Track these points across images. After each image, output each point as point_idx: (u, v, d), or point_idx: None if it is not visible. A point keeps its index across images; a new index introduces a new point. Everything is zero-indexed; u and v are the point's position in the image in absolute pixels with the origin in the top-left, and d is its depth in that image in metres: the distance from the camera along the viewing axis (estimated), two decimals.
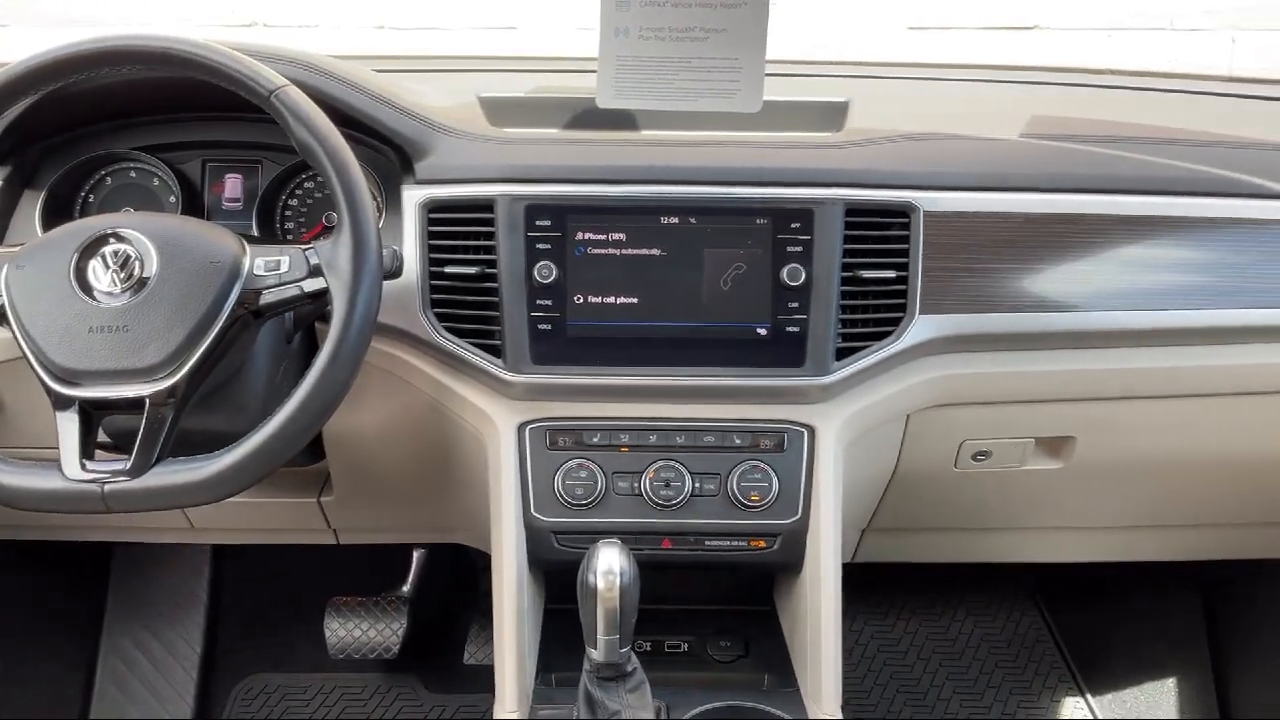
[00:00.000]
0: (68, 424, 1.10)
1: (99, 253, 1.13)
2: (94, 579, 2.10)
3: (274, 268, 1.14)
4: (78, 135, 1.40)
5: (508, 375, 1.29)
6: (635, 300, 1.29)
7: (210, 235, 1.16)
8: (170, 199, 1.42)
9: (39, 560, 1.97)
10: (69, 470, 1.09)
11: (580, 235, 1.28)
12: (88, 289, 1.12)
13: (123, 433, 1.17)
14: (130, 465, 1.09)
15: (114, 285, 1.12)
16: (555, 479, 1.30)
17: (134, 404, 1.10)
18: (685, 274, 1.29)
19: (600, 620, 1.12)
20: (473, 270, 1.28)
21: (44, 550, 1.91)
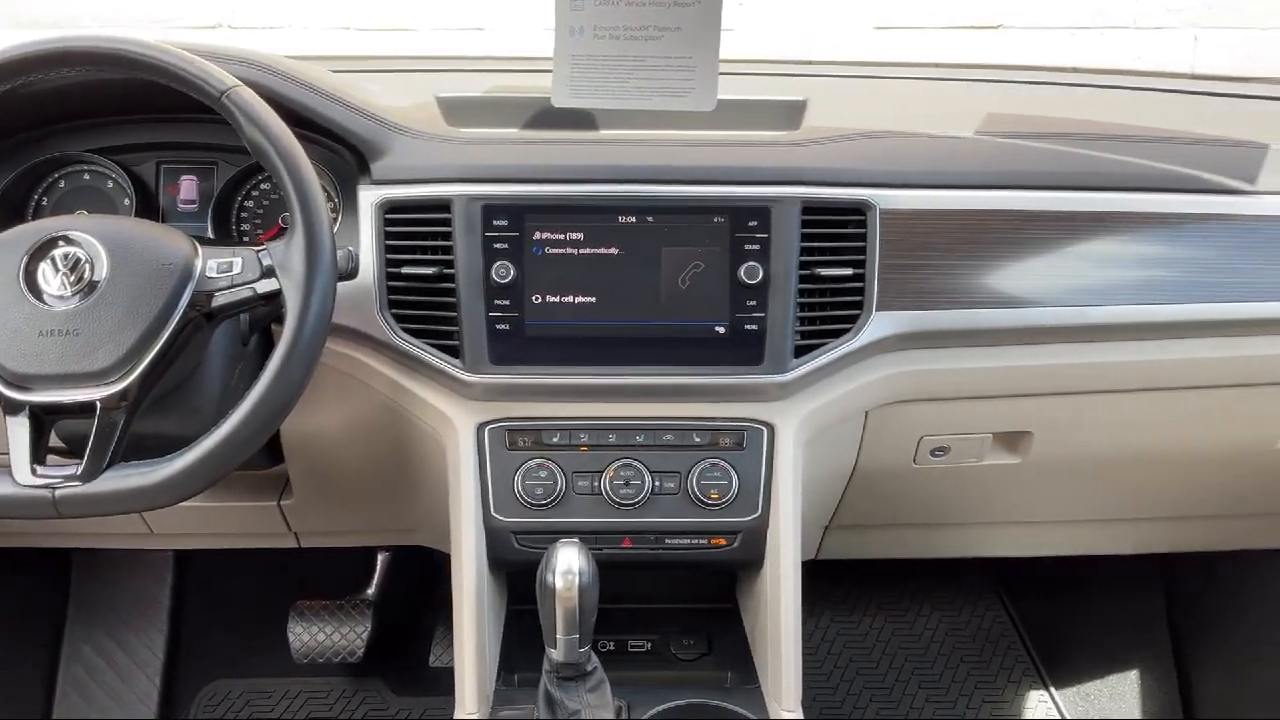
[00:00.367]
0: (18, 429, 1.09)
1: (48, 256, 1.11)
2: (54, 585, 2.08)
3: (226, 269, 1.13)
4: (31, 137, 1.38)
5: (466, 376, 1.28)
6: (593, 300, 1.29)
7: (162, 237, 1.15)
8: (125, 201, 1.40)
9: None
10: (19, 475, 1.08)
11: (538, 235, 1.28)
12: (37, 292, 1.10)
13: (75, 437, 1.15)
14: (82, 470, 1.08)
15: (64, 288, 1.10)
16: (515, 479, 1.30)
17: (85, 408, 1.09)
18: (643, 273, 1.29)
19: (559, 620, 1.12)
20: (430, 270, 1.28)
21: (2, 556, 1.88)
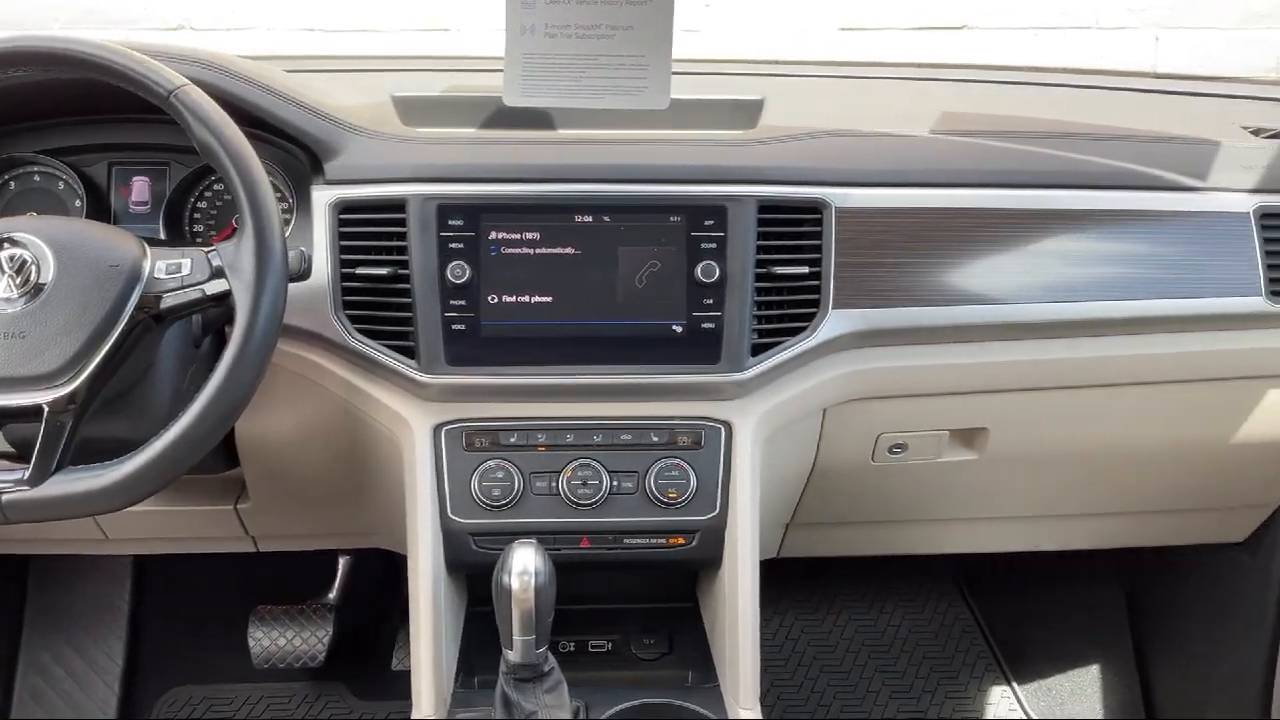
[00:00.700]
0: None
1: None
2: (10, 592, 2.05)
3: (175, 270, 1.12)
4: None
5: (422, 377, 1.27)
6: (550, 299, 1.29)
7: (109, 239, 1.14)
8: (76, 203, 1.39)
9: None
10: None
11: (494, 235, 1.28)
12: None
13: (23, 441, 1.14)
14: (29, 474, 1.07)
15: (10, 291, 1.09)
16: (472, 480, 1.29)
17: (32, 412, 1.07)
18: (600, 272, 1.29)
19: (516, 621, 1.11)
20: (385, 271, 1.27)
21: None
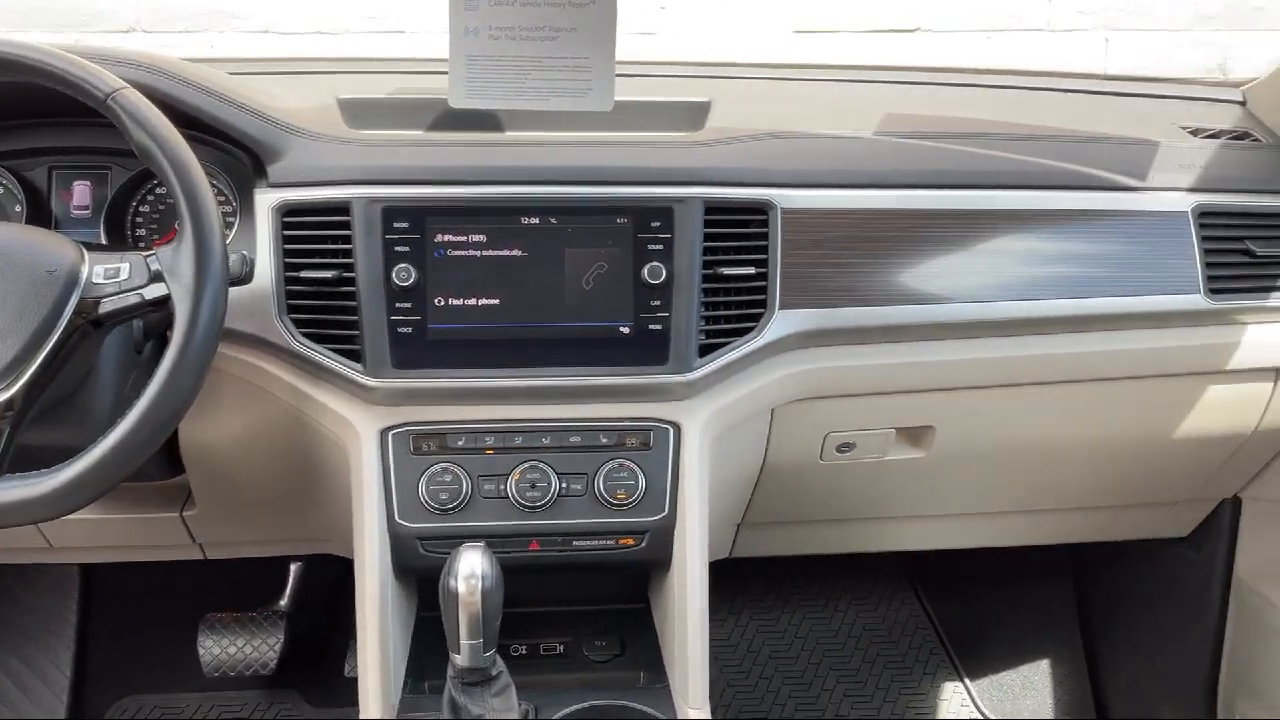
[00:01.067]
0: None
1: None
2: None
3: (114, 275, 1.11)
4: None
5: (368, 380, 1.27)
6: (497, 302, 1.29)
7: (46, 243, 1.13)
8: (15, 208, 1.37)
9: None
10: None
11: (440, 237, 1.27)
12: None
13: None
14: None
15: None
16: (419, 484, 1.28)
17: None
18: (547, 274, 1.29)
19: (463, 625, 1.11)
20: (330, 274, 1.26)
21: None
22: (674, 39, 3.57)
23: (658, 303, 1.29)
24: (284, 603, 1.95)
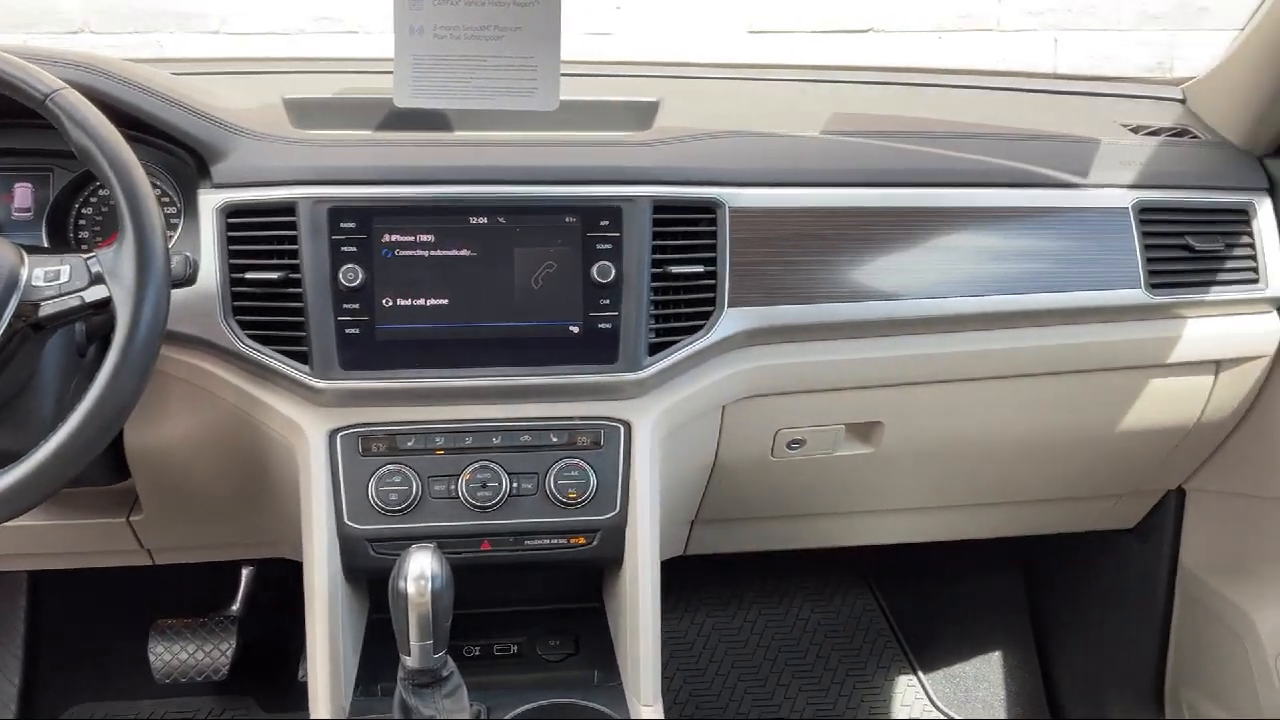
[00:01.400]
0: None
1: None
2: None
3: (54, 278, 1.10)
4: None
5: (316, 382, 1.26)
6: (446, 302, 1.28)
7: None
8: None
9: None
10: None
11: (387, 237, 1.27)
12: None
13: None
14: None
15: None
16: (369, 485, 1.27)
17: None
18: (496, 274, 1.29)
19: (413, 626, 1.11)
20: (275, 275, 1.25)
21: None
22: (629, 39, 3.58)
23: (607, 301, 1.30)
24: (236, 608, 1.92)
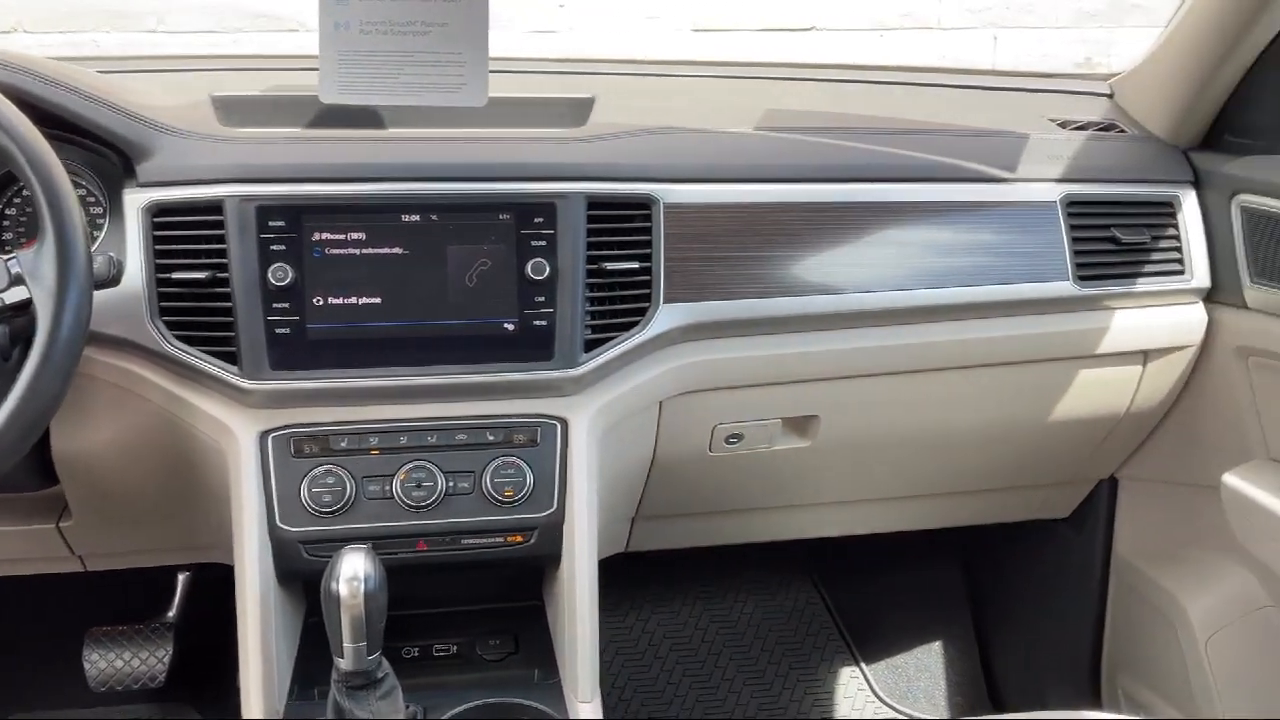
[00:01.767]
0: None
1: None
2: None
3: None
4: None
5: (245, 383, 1.24)
6: (378, 300, 1.27)
7: None
8: None
9: None
10: None
11: (317, 236, 1.25)
12: None
13: None
14: None
15: None
16: (301, 487, 1.26)
17: None
18: (429, 272, 1.28)
19: (345, 628, 1.09)
20: (203, 275, 1.24)
21: None
22: (573, 37, 3.57)
23: (542, 299, 1.29)
24: (172, 614, 1.90)
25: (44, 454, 1.32)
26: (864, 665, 2.13)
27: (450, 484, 1.29)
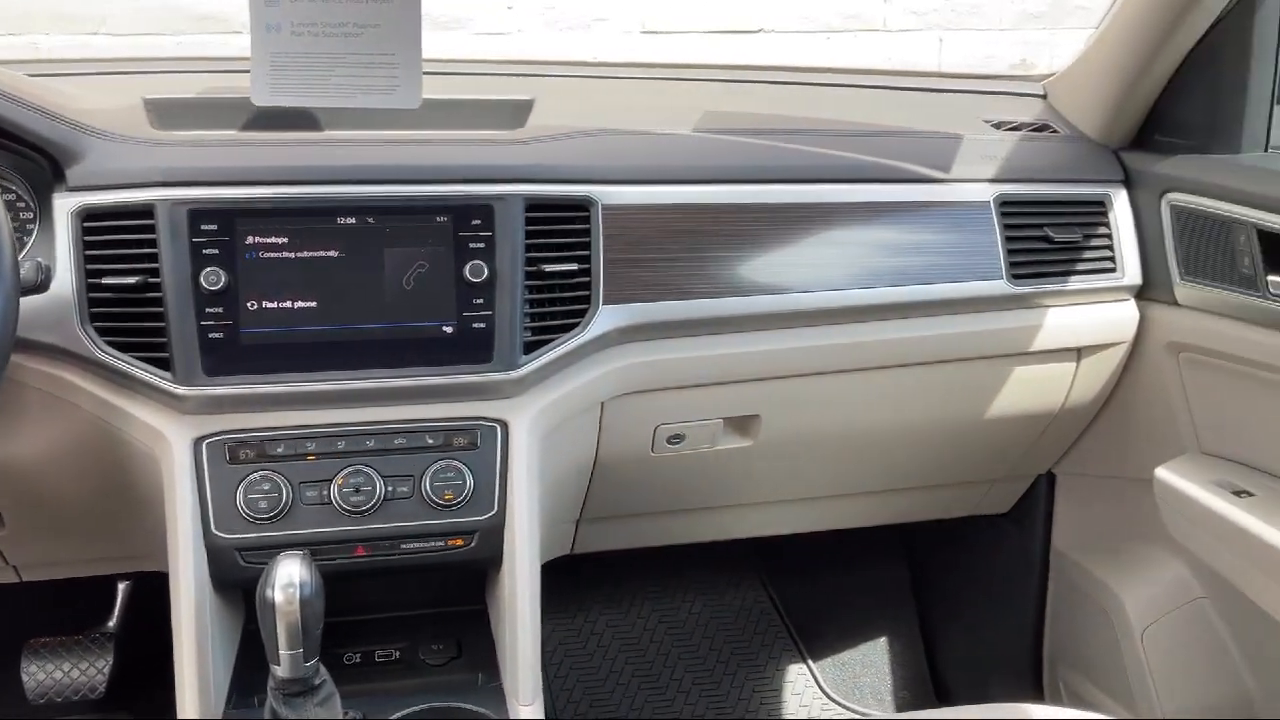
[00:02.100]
0: None
1: None
2: None
3: None
4: None
5: (178, 389, 1.23)
6: (314, 304, 1.26)
7: None
8: None
9: None
10: None
11: (250, 239, 1.24)
12: None
13: None
14: None
15: None
16: (237, 493, 1.25)
17: None
18: (365, 275, 1.27)
19: (281, 635, 1.08)
20: (134, 280, 1.22)
21: None
22: (522, 39, 3.57)
23: (480, 301, 1.29)
24: (112, 624, 1.87)
25: None
26: (811, 663, 2.15)
27: (389, 488, 1.28)
